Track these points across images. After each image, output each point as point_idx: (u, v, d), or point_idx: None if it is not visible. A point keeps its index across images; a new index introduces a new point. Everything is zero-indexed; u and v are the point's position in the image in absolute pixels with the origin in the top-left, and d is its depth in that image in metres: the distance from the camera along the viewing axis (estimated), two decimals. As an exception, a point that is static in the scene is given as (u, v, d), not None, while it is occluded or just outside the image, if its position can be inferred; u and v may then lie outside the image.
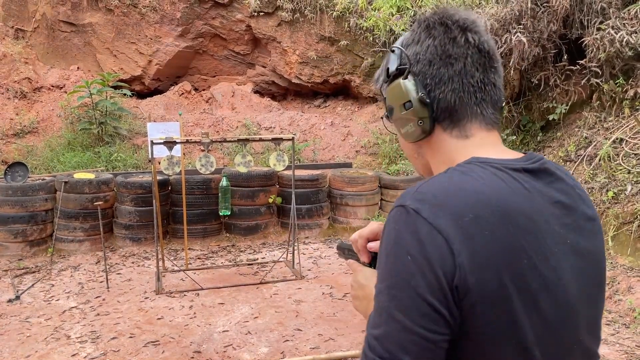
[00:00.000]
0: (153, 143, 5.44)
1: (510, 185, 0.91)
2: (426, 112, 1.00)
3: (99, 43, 11.50)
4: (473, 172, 0.92)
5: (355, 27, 10.57)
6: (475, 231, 0.84)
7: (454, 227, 0.84)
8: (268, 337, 4.52)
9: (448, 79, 0.99)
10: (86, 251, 6.58)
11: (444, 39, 1.00)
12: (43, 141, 9.55)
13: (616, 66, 7.05)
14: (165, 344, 4.40)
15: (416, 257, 0.84)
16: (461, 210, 0.85)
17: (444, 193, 0.88)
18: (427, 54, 1.00)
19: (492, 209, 0.86)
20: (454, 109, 0.99)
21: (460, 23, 1.01)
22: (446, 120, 1.00)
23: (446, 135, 1.01)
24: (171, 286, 5.62)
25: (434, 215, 0.85)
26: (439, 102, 0.99)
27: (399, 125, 1.06)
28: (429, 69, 1.00)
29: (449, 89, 0.99)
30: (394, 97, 1.04)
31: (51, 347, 4.34)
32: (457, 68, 0.99)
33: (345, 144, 10.19)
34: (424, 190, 0.89)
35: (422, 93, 0.99)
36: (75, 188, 6.46)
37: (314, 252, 6.76)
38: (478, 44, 1.00)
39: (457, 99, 0.99)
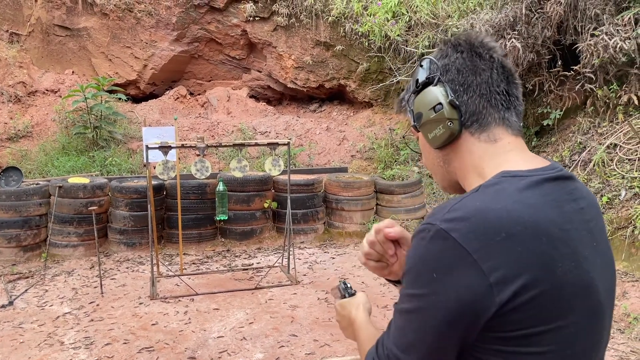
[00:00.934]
0: (148, 148, 5.42)
1: (540, 199, 0.95)
2: (455, 114, 1.05)
3: (94, 47, 11.49)
4: (504, 190, 0.95)
5: (351, 32, 10.59)
6: (508, 249, 0.87)
7: (486, 247, 0.87)
8: (263, 343, 4.50)
9: (476, 85, 1.05)
10: (80, 256, 6.55)
11: (471, 53, 1.08)
12: (37, 145, 9.51)
13: (610, 72, 7.09)
14: (160, 350, 4.37)
15: (442, 279, 0.89)
16: (493, 230, 0.88)
17: (475, 214, 0.90)
18: (455, 64, 1.07)
19: (524, 225, 0.89)
20: (482, 113, 1.05)
21: (484, 43, 1.09)
22: (474, 124, 1.05)
23: (474, 139, 1.06)
24: (166, 291, 5.60)
25: (464, 236, 0.88)
26: (467, 105, 1.05)
27: (427, 130, 1.10)
28: (457, 76, 1.06)
29: (477, 94, 1.05)
30: (424, 103, 1.09)
31: (45, 353, 4.31)
32: (485, 77, 1.05)
33: (341, 149, 10.20)
34: (456, 209, 0.92)
35: (452, 96, 1.05)
36: (69, 193, 6.43)
37: (309, 257, 6.75)
38: (502, 61, 1.08)
39: (485, 104, 1.05)
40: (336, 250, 6.99)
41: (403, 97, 1.19)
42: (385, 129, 10.63)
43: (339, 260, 6.62)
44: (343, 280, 1.32)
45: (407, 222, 7.46)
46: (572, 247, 0.93)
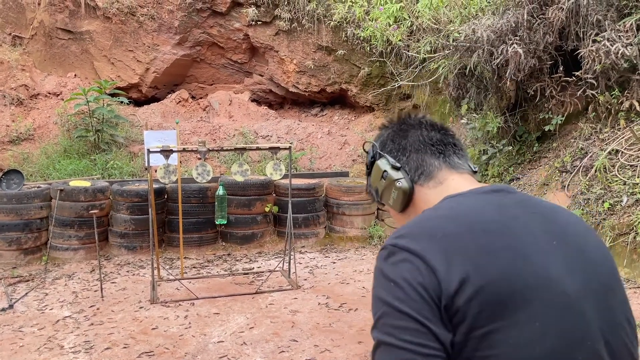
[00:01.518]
0: (150, 151, 5.42)
1: (478, 203, 1.05)
2: (400, 174, 1.18)
3: (96, 51, 11.50)
4: (442, 204, 1.08)
5: (353, 37, 10.60)
6: (448, 245, 0.95)
7: (429, 247, 0.95)
8: (263, 348, 4.49)
9: (410, 145, 1.21)
10: (81, 260, 6.55)
11: (399, 123, 1.28)
12: (39, 148, 9.52)
13: (611, 78, 7.08)
14: (160, 355, 4.36)
15: (398, 282, 0.93)
16: (432, 232, 0.98)
17: (415, 225, 1.03)
18: (389, 136, 1.26)
19: (459, 223, 0.99)
20: (423, 165, 1.18)
21: (411, 115, 1.29)
22: (420, 176, 1.18)
23: (425, 189, 1.17)
24: (166, 295, 5.59)
25: (409, 242, 0.97)
26: (408, 164, 1.19)
27: (386, 199, 1.22)
28: (392, 144, 1.23)
29: (413, 151, 1.20)
30: (375, 178, 1.25)
31: (44, 357, 4.31)
32: (415, 136, 1.22)
33: (342, 153, 10.20)
34: (400, 230, 1.03)
35: (392, 162, 1.20)
36: (70, 196, 6.43)
37: (310, 261, 6.74)
38: (430, 122, 1.26)
39: (423, 156, 1.19)
40: (337, 255, 6.98)
41: (366, 186, 1.34)
42: (386, 133, 10.61)
43: (340, 264, 6.61)
44: None
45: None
46: (515, 241, 0.97)
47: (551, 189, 7.26)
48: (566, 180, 7.10)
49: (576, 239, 1.05)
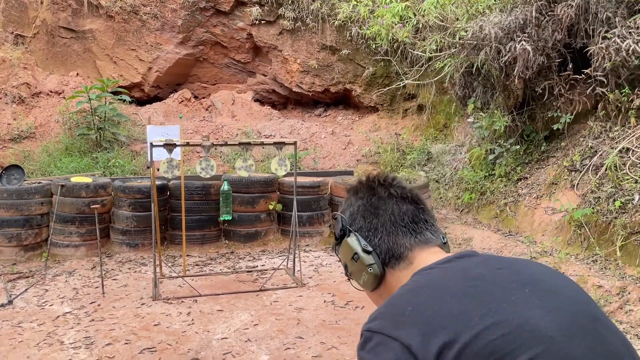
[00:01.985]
0: (152, 145, 5.32)
1: (443, 272, 1.04)
2: (372, 258, 1.15)
3: (98, 49, 11.43)
4: (411, 280, 1.07)
5: (357, 36, 10.52)
6: (417, 317, 0.94)
7: (400, 324, 0.94)
8: (268, 345, 4.37)
9: (381, 226, 1.16)
10: (82, 256, 6.43)
11: (370, 197, 1.20)
12: (40, 146, 9.43)
13: (622, 75, 6.97)
14: (162, 351, 4.24)
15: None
16: (401, 309, 0.97)
17: (385, 306, 1.02)
18: (359, 211, 1.20)
19: (427, 294, 0.98)
20: (394, 247, 1.15)
21: (382, 181, 1.22)
22: (391, 259, 1.15)
23: (396, 272, 1.15)
24: (168, 292, 5.47)
25: (381, 324, 0.96)
26: (380, 246, 1.16)
27: (356, 278, 1.20)
28: (364, 223, 1.18)
29: (384, 233, 1.16)
30: (345, 254, 1.20)
31: (44, 353, 4.19)
32: (386, 216, 1.17)
33: (346, 153, 10.09)
34: (373, 313, 1.02)
35: (363, 244, 1.16)
36: (72, 192, 6.33)
37: (315, 259, 6.63)
38: (401, 194, 1.20)
39: (394, 238, 1.15)
40: (342, 254, 6.85)
41: (334, 248, 1.30)
42: (391, 133, 10.53)
43: (345, 263, 6.48)
44: None
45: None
46: (486, 297, 0.95)
47: (560, 188, 7.14)
48: (575, 179, 6.99)
49: (547, 283, 1.02)
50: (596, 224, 6.19)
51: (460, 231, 7.42)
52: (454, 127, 9.92)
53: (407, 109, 11.05)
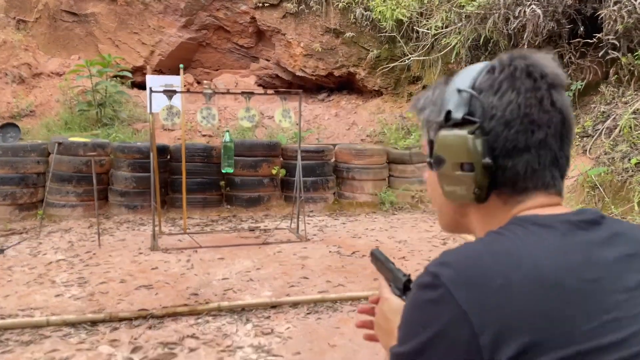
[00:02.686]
0: (152, 91, 5.14)
1: (557, 243, 0.73)
2: (487, 180, 0.79)
3: (101, 33, 11.32)
4: (509, 231, 0.75)
5: (362, 18, 10.39)
6: (504, 301, 0.67)
7: (478, 297, 0.67)
8: (272, 284, 4.14)
9: (524, 148, 0.78)
10: (79, 217, 6.21)
11: (531, 98, 0.78)
12: (40, 123, 9.25)
13: (634, 39, 6.81)
14: (159, 288, 4.02)
15: (429, 332, 0.69)
16: (487, 276, 0.69)
17: (469, 257, 0.72)
18: (506, 112, 0.78)
19: (527, 273, 0.68)
20: (520, 180, 0.80)
21: (550, 79, 0.79)
22: (507, 188, 0.81)
23: (500, 202, 0.82)
24: (168, 245, 5.25)
25: (454, 282, 0.69)
26: (505, 171, 0.79)
27: (445, 181, 0.85)
28: (503, 130, 0.78)
29: (522, 159, 0.79)
30: (450, 150, 0.83)
31: (33, 289, 3.97)
32: (538, 137, 0.78)
33: (350, 133, 9.90)
34: (450, 253, 0.74)
35: (488, 159, 0.78)
36: (69, 150, 6.14)
37: (319, 222, 6.40)
38: (562, 109, 0.80)
39: (529, 171, 0.79)
40: (347, 218, 6.63)
41: (422, 109, 0.89)
42: (395, 116, 10.34)
43: (351, 225, 6.27)
44: (409, 276, 0.95)
45: (422, 193, 7.11)
46: (602, 303, 0.69)
47: (572, 155, 6.93)
48: (587, 145, 6.79)
49: None
50: (611, 184, 5.99)
51: (469, 199, 7.20)
52: (460, 107, 9.73)
53: (411, 92, 10.87)
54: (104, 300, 3.71)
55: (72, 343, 2.99)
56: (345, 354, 2.93)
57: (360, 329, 1.05)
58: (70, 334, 3.11)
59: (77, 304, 3.63)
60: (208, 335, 3.14)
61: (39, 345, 2.96)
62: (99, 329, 3.20)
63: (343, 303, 3.73)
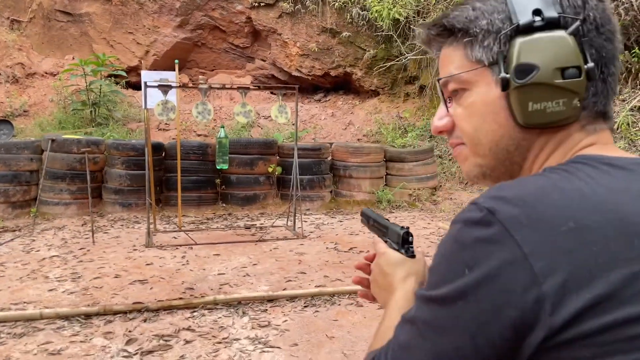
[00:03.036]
0: (147, 85, 5.09)
1: (634, 185, 0.62)
2: (587, 91, 0.68)
3: (95, 33, 11.26)
4: (579, 170, 0.63)
5: (358, 18, 10.37)
6: (576, 245, 0.56)
7: (543, 238, 0.56)
8: (268, 279, 4.08)
9: (612, 56, 0.69)
10: (72, 215, 6.14)
11: (608, 9, 0.70)
12: (33, 123, 9.18)
13: (631, 36, 6.82)
14: (154, 283, 3.96)
15: (475, 274, 0.57)
16: (557, 216, 0.57)
17: (532, 192, 0.60)
18: (597, 13, 0.68)
19: (604, 215, 0.58)
20: (600, 97, 0.69)
21: None
22: (590, 111, 0.70)
23: (577, 127, 0.70)
24: (163, 242, 5.18)
25: (513, 220, 0.57)
26: (599, 85, 0.68)
27: (532, 98, 0.69)
28: (596, 35, 0.68)
29: (609, 71, 0.69)
30: (547, 54, 0.68)
31: (26, 284, 3.90)
32: (615, 45, 0.69)
33: (347, 133, 9.87)
34: (505, 187, 0.62)
35: (591, 64, 0.66)
36: (62, 147, 6.06)
37: (315, 220, 6.35)
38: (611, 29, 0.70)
39: (607, 86, 0.69)
40: (344, 216, 6.58)
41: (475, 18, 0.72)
42: (392, 116, 10.32)
43: (348, 223, 6.22)
44: (407, 229, 0.89)
45: (419, 191, 7.07)
46: None
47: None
48: (585, 142, 6.78)
49: None
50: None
51: (465, 197, 7.17)
52: (456, 106, 9.72)
53: (408, 92, 10.85)
54: (98, 295, 3.65)
55: (65, 335, 2.93)
56: (343, 346, 2.88)
57: (362, 299, 0.99)
58: (63, 327, 3.04)
59: (70, 298, 3.56)
60: (204, 327, 3.08)
61: (32, 337, 2.89)
62: (93, 322, 3.14)
63: (341, 296, 3.68)
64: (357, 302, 3.59)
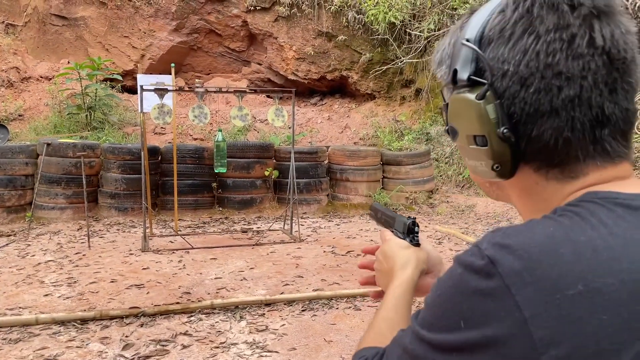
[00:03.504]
0: (143, 89, 5.07)
1: None
2: (508, 153, 0.62)
3: (90, 37, 11.23)
4: (592, 215, 0.55)
5: (354, 21, 10.39)
6: (583, 313, 0.48)
7: (547, 301, 0.49)
8: (266, 283, 4.07)
9: (551, 110, 0.58)
10: (68, 219, 6.11)
11: (554, 41, 0.57)
12: (28, 127, 9.14)
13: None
14: (151, 287, 3.93)
15: (468, 333, 0.53)
16: (564, 275, 0.50)
17: (540, 243, 0.53)
18: (521, 67, 0.58)
19: (617, 276, 0.50)
20: (555, 151, 0.60)
21: (588, 6, 0.57)
22: (541, 162, 0.62)
23: (538, 177, 0.63)
24: (159, 246, 5.16)
25: (516, 277, 0.51)
26: (530, 140, 0.60)
27: (464, 154, 0.69)
28: (520, 90, 0.59)
29: (548, 125, 0.59)
30: (460, 117, 0.65)
31: (21, 289, 3.87)
32: (569, 94, 0.57)
33: (343, 136, 9.87)
34: (512, 234, 0.55)
35: (504, 128, 0.60)
36: (58, 151, 6.04)
37: (312, 224, 6.34)
38: (610, 48, 0.57)
39: (561, 140, 0.59)
40: (341, 220, 6.57)
41: (439, 63, 0.70)
42: (388, 119, 10.33)
43: (345, 226, 6.21)
44: (414, 219, 0.90)
45: (416, 194, 7.07)
46: None
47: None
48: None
49: None
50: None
51: (462, 200, 7.16)
52: (452, 109, 9.73)
53: (404, 95, 10.87)
54: (94, 300, 3.62)
55: (61, 341, 2.90)
56: (341, 349, 2.86)
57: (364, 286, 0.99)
58: (59, 332, 3.02)
59: (66, 303, 3.54)
60: (201, 332, 3.06)
61: (27, 343, 2.86)
62: (89, 327, 3.11)
63: (339, 300, 3.66)
64: (355, 305, 3.57)
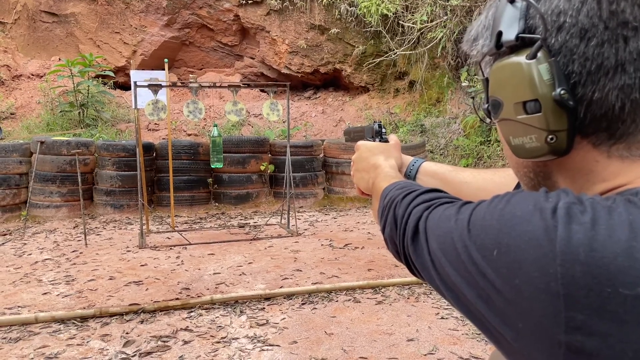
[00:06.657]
0: (137, 85, 5.04)
1: None
2: (565, 121, 0.53)
3: (81, 33, 11.14)
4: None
5: (346, 14, 10.36)
6: (631, 318, 0.41)
7: (591, 289, 0.42)
8: (265, 277, 4.07)
9: (617, 66, 0.50)
10: (63, 217, 6.08)
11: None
12: (20, 125, 9.07)
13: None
14: (150, 284, 3.92)
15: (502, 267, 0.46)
16: (623, 273, 0.42)
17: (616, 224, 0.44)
18: (580, 17, 0.51)
19: None
20: (619, 116, 0.52)
21: None
22: (601, 133, 0.53)
23: (598, 153, 0.54)
24: (156, 243, 5.15)
25: (571, 245, 0.43)
26: (591, 105, 0.52)
27: (507, 132, 0.59)
28: (580, 44, 0.51)
29: (614, 84, 0.50)
30: (506, 85, 0.57)
31: (20, 288, 3.85)
32: (637, 46, 0.49)
33: (338, 130, 9.86)
34: (589, 205, 0.46)
35: (562, 89, 0.52)
36: (52, 149, 6.00)
37: (309, 217, 6.34)
38: None
39: (629, 104, 0.51)
40: (338, 213, 6.57)
41: (474, 39, 0.62)
42: (382, 112, 10.32)
43: (342, 219, 6.21)
44: (379, 122, 1.00)
45: (412, 186, 7.08)
46: None
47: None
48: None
49: None
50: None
51: (458, 191, 7.19)
52: (446, 100, 9.74)
53: (398, 88, 10.87)
54: (93, 297, 3.61)
55: (62, 339, 2.89)
56: (342, 342, 2.87)
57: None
58: (59, 330, 3.01)
59: (65, 301, 3.52)
60: (202, 327, 3.06)
61: (28, 341, 2.85)
62: (89, 324, 3.10)
63: (338, 293, 3.67)
64: (354, 298, 3.58)
